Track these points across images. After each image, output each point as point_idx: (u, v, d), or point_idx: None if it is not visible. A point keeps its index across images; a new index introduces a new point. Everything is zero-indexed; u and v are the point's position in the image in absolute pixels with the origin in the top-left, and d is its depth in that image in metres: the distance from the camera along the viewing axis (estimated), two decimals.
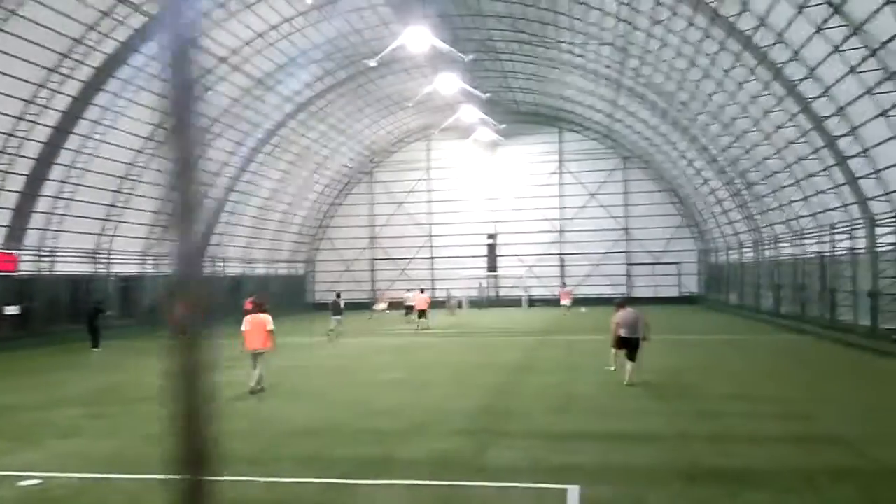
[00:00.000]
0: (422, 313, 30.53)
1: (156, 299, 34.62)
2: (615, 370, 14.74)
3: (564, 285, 45.37)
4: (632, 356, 13.88)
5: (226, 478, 8.03)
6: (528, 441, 9.57)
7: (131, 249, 34.62)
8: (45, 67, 25.17)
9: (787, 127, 26.12)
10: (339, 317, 27.38)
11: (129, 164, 32.06)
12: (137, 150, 32.06)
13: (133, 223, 33.97)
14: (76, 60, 25.91)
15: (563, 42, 34.73)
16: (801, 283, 30.51)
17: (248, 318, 14.33)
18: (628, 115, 40.88)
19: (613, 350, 14.75)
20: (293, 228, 50.08)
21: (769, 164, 30.02)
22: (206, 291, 2.22)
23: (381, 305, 42.41)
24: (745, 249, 39.46)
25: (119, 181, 32.01)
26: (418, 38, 28.93)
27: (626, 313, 14.12)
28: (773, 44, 22.68)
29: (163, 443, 8.80)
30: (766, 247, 35.80)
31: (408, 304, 35.79)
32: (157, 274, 36.34)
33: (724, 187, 37.67)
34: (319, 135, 44.53)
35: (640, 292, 46.27)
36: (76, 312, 30.16)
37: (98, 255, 32.45)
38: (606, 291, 45.73)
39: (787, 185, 29.61)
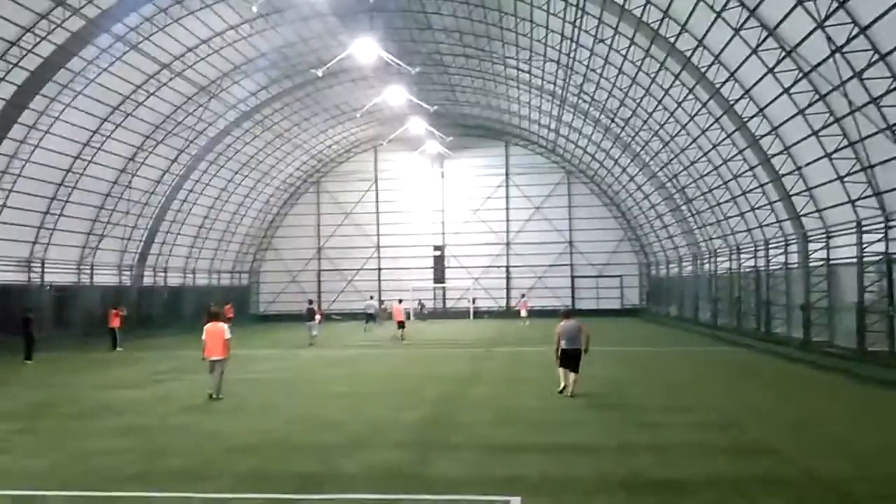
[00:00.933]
0: (401, 324, 30.53)
1: (92, 310, 33.53)
2: (563, 389, 14.30)
3: (523, 296, 45.64)
4: (574, 367, 14.08)
5: (164, 494, 7.86)
6: (470, 453, 9.62)
7: (67, 258, 33.50)
8: None
9: (725, 145, 27.05)
10: (312, 322, 28.64)
11: (66, 170, 31.07)
12: (74, 157, 31.11)
13: (69, 231, 32.89)
14: (11, 63, 25.05)
15: (509, 57, 35.24)
16: (738, 296, 31.53)
17: (206, 327, 14.60)
18: (572, 130, 41.70)
19: (560, 370, 14.35)
20: (237, 238, 49.26)
21: (707, 181, 31.00)
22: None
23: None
24: (684, 263, 40.62)
25: (55, 188, 30.98)
26: (366, 49, 28.95)
27: (567, 324, 14.29)
28: (711, 64, 23.50)
29: (98, 459, 8.55)
30: (705, 261, 36.91)
31: (368, 312, 37.66)
32: (93, 284, 35.24)
33: (665, 202, 38.72)
34: (265, 143, 44.01)
35: (583, 304, 47.13)
36: (7, 323, 28.92)
37: (32, 264, 31.29)
38: (551, 303, 46.42)
39: (725, 202, 30.63)
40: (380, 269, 52.00)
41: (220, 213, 45.41)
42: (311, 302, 30.96)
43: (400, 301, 33.47)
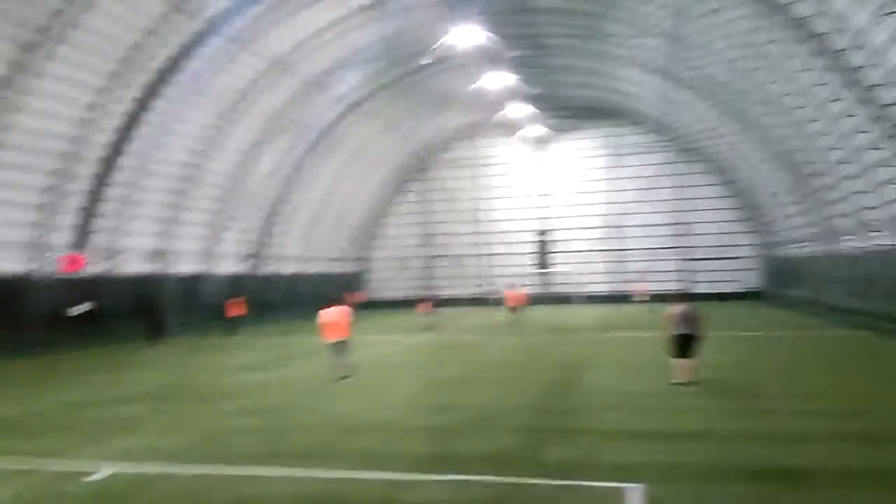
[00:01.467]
0: (514, 309, 30.77)
1: (216, 298, 35.51)
2: (683, 384, 13.43)
3: (642, 280, 43.90)
4: (688, 353, 13.55)
5: (292, 472, 8.21)
6: (586, 439, 9.48)
7: (192, 249, 35.58)
8: (105, 73, 26.03)
9: (851, 116, 25.13)
10: (430, 311, 30.58)
11: (188, 165, 32.95)
12: (197, 152, 32.92)
13: (194, 224, 34.91)
14: (138, 64, 26.70)
15: (615, 35, 34.20)
16: (869, 277, 29.34)
17: (328, 310, 15.33)
18: (683, 106, 39.99)
19: (675, 361, 13.63)
20: (348, 227, 50.70)
21: (832, 155, 28.94)
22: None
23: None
24: (808, 242, 38.19)
25: (180, 183, 32.93)
26: (468, 35, 28.89)
27: (680, 308, 13.70)
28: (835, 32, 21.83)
29: (227, 438, 9.03)
30: (831, 240, 34.57)
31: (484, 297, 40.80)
32: (216, 273, 37.27)
33: (786, 179, 36.51)
34: (372, 134, 44.91)
35: (698, 288, 45.22)
36: (140, 311, 31.25)
37: (160, 255, 33.45)
38: (662, 288, 44.82)
39: (852, 176, 28.50)
40: (485, 254, 52.08)
41: (332, 202, 46.86)
42: (424, 291, 33.26)
43: (514, 286, 33.46)
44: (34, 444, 10.18)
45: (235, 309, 30.18)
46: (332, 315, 15.23)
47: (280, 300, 42.37)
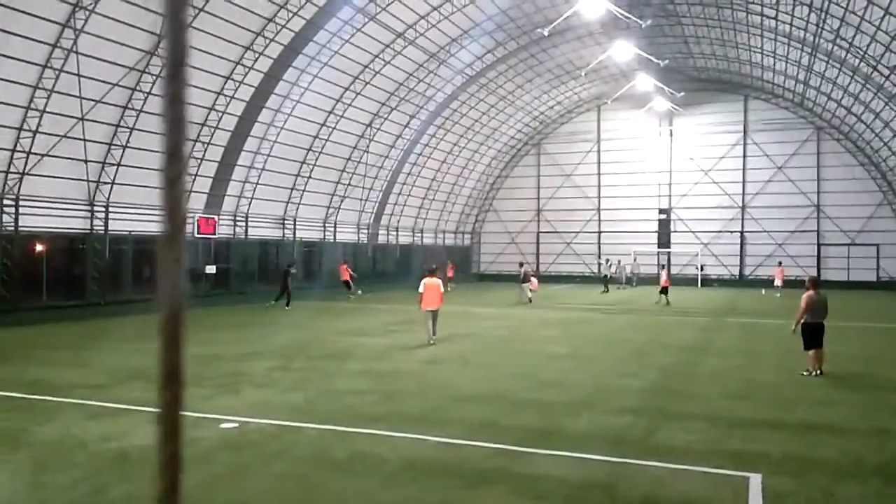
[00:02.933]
0: (664, 290, 30.47)
1: (334, 265, 36.91)
2: (814, 375, 12.61)
3: (780, 263, 40.91)
4: (820, 343, 12.74)
5: (403, 435, 8.45)
6: (703, 424, 9.13)
7: (313, 216, 37.03)
8: (239, 45, 27.30)
9: None
10: (527, 284, 31.26)
11: (313, 136, 34.15)
12: (321, 124, 34.05)
13: (316, 192, 36.27)
14: (267, 38, 27.82)
15: (752, 2, 32.14)
16: None
17: (424, 281, 16.66)
18: (825, 81, 37.16)
19: (810, 353, 12.72)
20: (461, 200, 51.04)
21: None
22: None
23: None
24: None
25: (304, 153, 34.23)
26: (593, 4, 28.05)
27: (816, 296, 12.88)
28: None
29: (344, 397, 9.40)
30: None
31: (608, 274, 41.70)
32: (335, 241, 38.64)
33: None
34: (489, 107, 44.77)
35: (831, 275, 42.32)
36: (266, 273, 33.05)
37: (285, 221, 35.05)
38: (793, 273, 42.21)
39: None
40: (600, 231, 50.97)
41: (446, 175, 47.26)
42: (520, 265, 34.56)
43: (663, 267, 32.78)
44: None
45: (344, 274, 32.51)
46: (427, 285, 16.45)
47: (393, 269, 43.44)
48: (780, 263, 40.64)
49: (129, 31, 23.01)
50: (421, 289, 16.51)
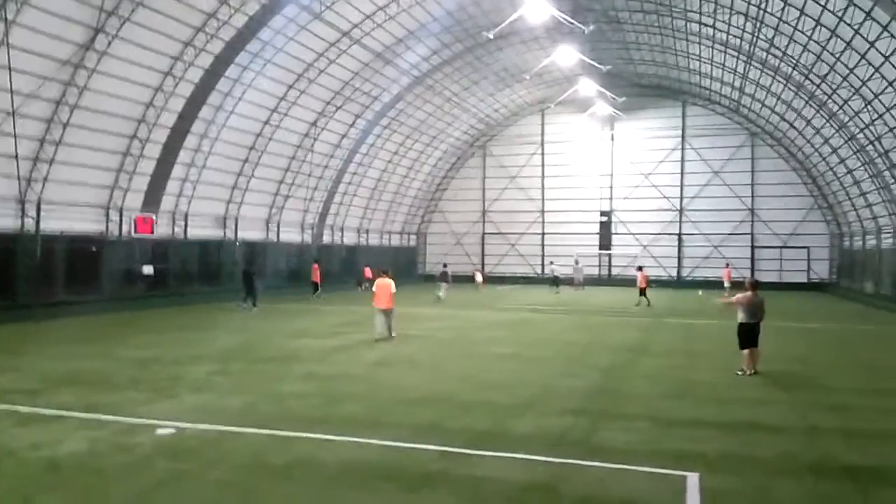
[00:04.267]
0: (642, 291, 30.73)
1: (277, 265, 36.34)
2: (748, 374, 13.03)
3: (727, 265, 41.93)
4: (754, 342, 13.17)
5: (347, 438, 8.36)
6: (643, 424, 9.31)
7: (256, 216, 36.36)
8: (179, 40, 26.60)
9: None
10: (445, 284, 33.37)
11: (256, 134, 33.54)
12: (264, 122, 33.47)
13: (259, 191, 35.63)
14: (208, 34, 27.19)
15: (691, 11, 33.02)
16: None
17: (377, 281, 18.08)
18: (759, 88, 38.48)
19: (745, 352, 13.19)
20: (406, 201, 50.94)
21: None
22: None
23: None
24: (884, 234, 36.49)
25: (247, 151, 33.58)
26: (538, 9, 28.35)
27: (752, 296, 13.30)
28: None
29: (286, 401, 9.20)
30: None
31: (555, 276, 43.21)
32: (279, 241, 38.03)
33: (864, 167, 34.86)
34: (434, 108, 44.80)
35: (764, 277, 43.73)
36: (207, 274, 32.31)
37: (227, 221, 34.30)
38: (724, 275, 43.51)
39: None
40: (544, 233, 51.59)
41: (392, 176, 47.11)
42: (444, 265, 36.98)
43: (640, 268, 33.12)
44: (107, 398, 10.62)
45: (316, 275, 33.56)
46: (380, 285, 17.72)
47: (339, 270, 43.03)
48: (727, 265, 41.84)
49: (64, 24, 22.19)
50: (374, 288, 18.02)
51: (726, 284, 38.60)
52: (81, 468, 7.33)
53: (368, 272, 39.04)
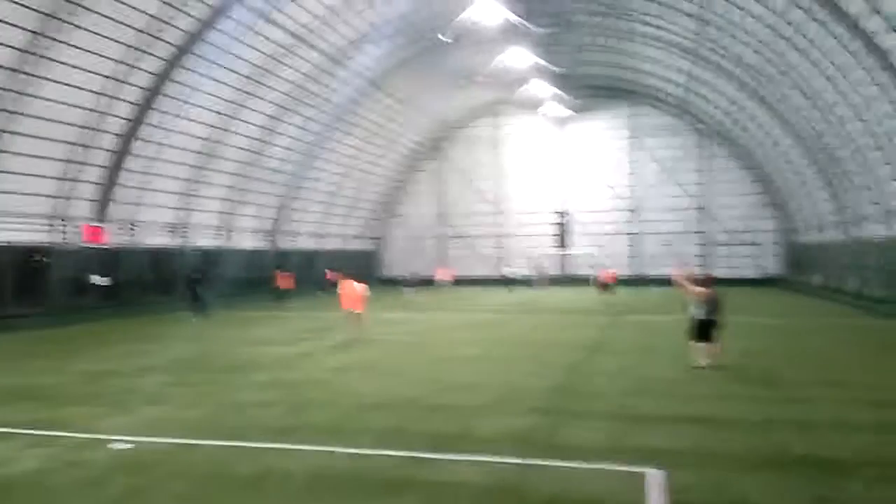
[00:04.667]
0: (606, 287, 31.03)
1: (234, 272, 35.71)
2: (702, 368, 13.34)
3: (686, 263, 42.56)
4: (710, 337, 13.46)
5: (307, 446, 8.26)
6: (604, 422, 9.44)
7: (211, 223, 35.71)
8: (126, 44, 25.93)
9: (879, 100, 24.61)
10: (411, 289, 35.48)
11: (208, 140, 32.94)
12: (216, 127, 32.89)
13: (213, 198, 35.00)
14: (156, 37, 26.58)
15: (641, 13, 33.64)
16: (892, 265, 28.92)
17: (344, 284, 18.82)
18: (707, 88, 39.41)
19: (695, 345, 13.59)
20: (365, 205, 50.67)
21: (859, 141, 28.44)
22: None
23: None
24: (830, 229, 37.69)
25: (199, 156, 32.96)
26: (490, 10, 28.55)
27: (705, 292, 13.59)
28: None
29: (247, 411, 9.04)
30: (855, 227, 34.09)
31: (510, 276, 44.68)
32: (234, 248, 37.41)
33: (810, 165, 35.97)
34: (390, 111, 44.68)
35: (717, 272, 44.69)
36: (161, 284, 31.55)
37: (181, 228, 33.61)
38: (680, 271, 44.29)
39: (880, 163, 28.00)
40: (501, 234, 51.89)
41: (349, 179, 46.80)
42: (411, 273, 39.42)
43: (605, 267, 33.51)
44: (59, 413, 10.31)
45: (285, 281, 34.04)
46: (348, 288, 18.45)
47: (298, 275, 42.50)
48: (686, 263, 42.42)
49: (1, 28, 21.45)
50: (342, 290, 18.74)
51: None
52: (34, 487, 7.11)
53: (330, 275, 38.66)
